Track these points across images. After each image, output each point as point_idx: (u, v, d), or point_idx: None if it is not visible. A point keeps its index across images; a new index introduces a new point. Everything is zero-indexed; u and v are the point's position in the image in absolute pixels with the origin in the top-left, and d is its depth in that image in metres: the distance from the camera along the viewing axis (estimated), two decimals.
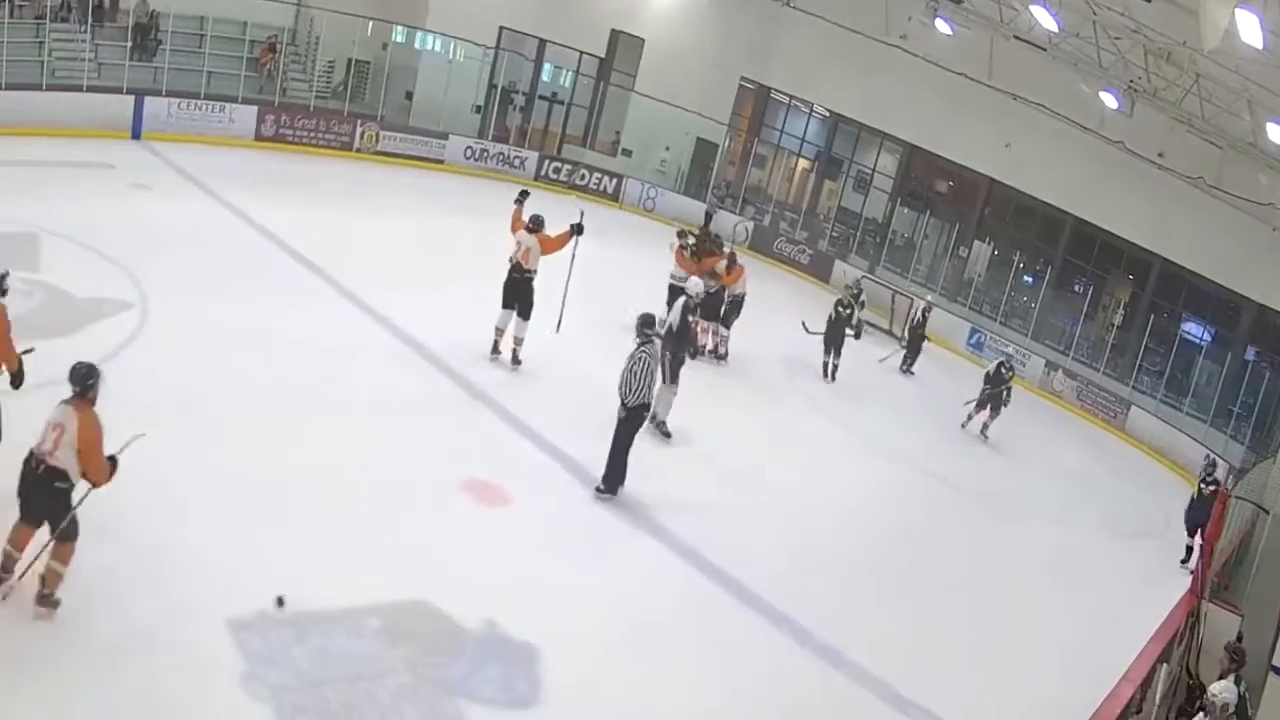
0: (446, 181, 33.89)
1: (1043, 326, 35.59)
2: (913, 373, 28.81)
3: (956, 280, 38.21)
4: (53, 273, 18.07)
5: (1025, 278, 37.48)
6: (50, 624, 9.95)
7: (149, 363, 15.75)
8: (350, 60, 35.57)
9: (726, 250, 24.75)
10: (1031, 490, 22.86)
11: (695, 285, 19.92)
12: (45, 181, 22.88)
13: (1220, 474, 19.38)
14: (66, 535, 10.01)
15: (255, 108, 31.37)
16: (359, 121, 33.82)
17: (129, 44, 29.64)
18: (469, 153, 36.30)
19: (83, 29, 28.99)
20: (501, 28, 38.17)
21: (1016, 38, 31.98)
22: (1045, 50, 31.36)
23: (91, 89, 28.17)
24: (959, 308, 36.52)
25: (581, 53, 40.43)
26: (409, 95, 37.01)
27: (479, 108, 38.60)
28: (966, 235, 38.73)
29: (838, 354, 25.37)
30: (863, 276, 33.02)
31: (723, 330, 24.01)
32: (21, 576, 9.99)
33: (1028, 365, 33.28)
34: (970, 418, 25.18)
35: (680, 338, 19.26)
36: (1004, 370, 25.65)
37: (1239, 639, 13.20)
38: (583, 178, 38.57)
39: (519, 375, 19.58)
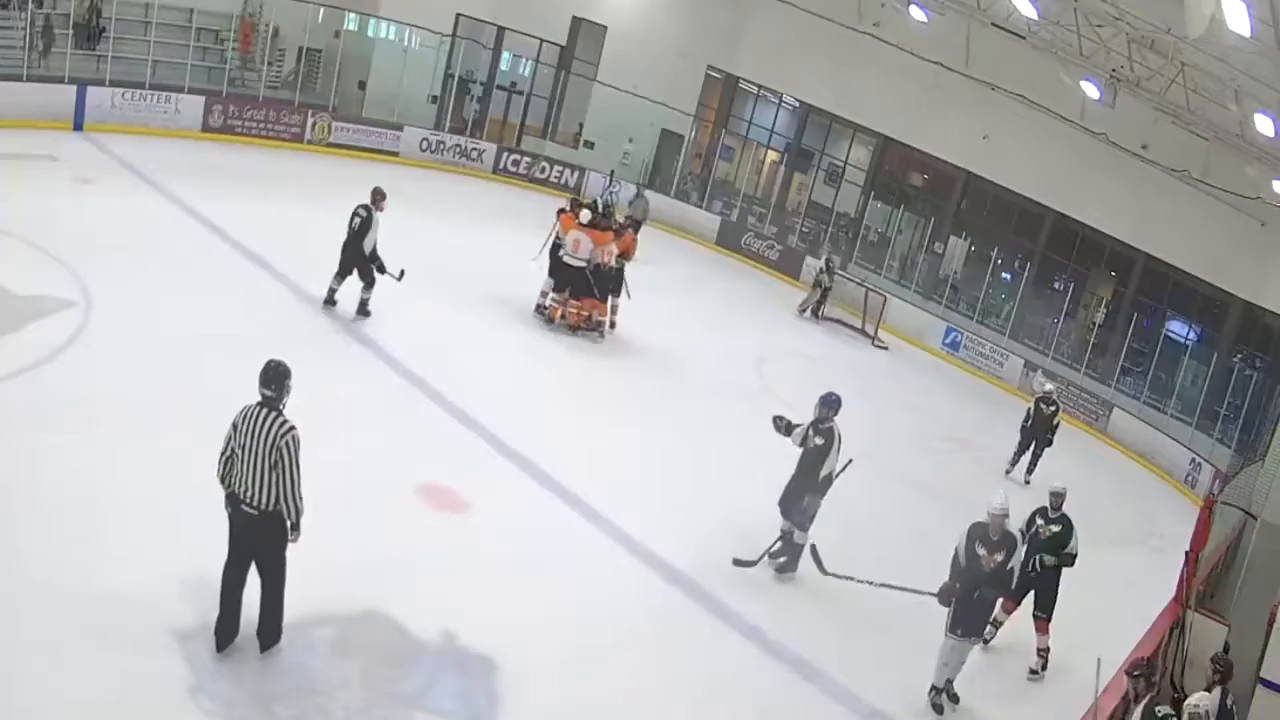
0: (401, 174, 33.75)
1: (1021, 325, 35.66)
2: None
3: (932, 277, 38.34)
4: None
5: (1003, 274, 37.60)
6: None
7: (91, 363, 15.74)
8: (301, 49, 35.45)
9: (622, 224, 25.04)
10: (1009, 496, 22.82)
11: (999, 502, 13.75)
12: None
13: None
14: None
15: (202, 98, 31.14)
16: (310, 112, 33.66)
17: (70, 32, 29.40)
18: (424, 145, 36.20)
19: (22, 16, 28.77)
20: (458, 15, 38.12)
21: (994, 25, 31.98)
22: (1024, 38, 31.39)
23: (32, 79, 27.93)
24: (935, 305, 36.62)
25: (541, 41, 40.38)
26: (362, 85, 36.86)
27: (435, 98, 38.48)
28: (942, 230, 38.87)
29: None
30: (837, 271, 33.13)
31: (614, 300, 24.03)
32: None
33: (1005, 365, 33.41)
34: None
35: (971, 573, 13.56)
36: (1043, 406, 24.49)
37: (1225, 649, 13.22)
38: (543, 170, 38.56)
39: (474, 373, 19.57)
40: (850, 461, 15.51)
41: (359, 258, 20.26)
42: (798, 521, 15.63)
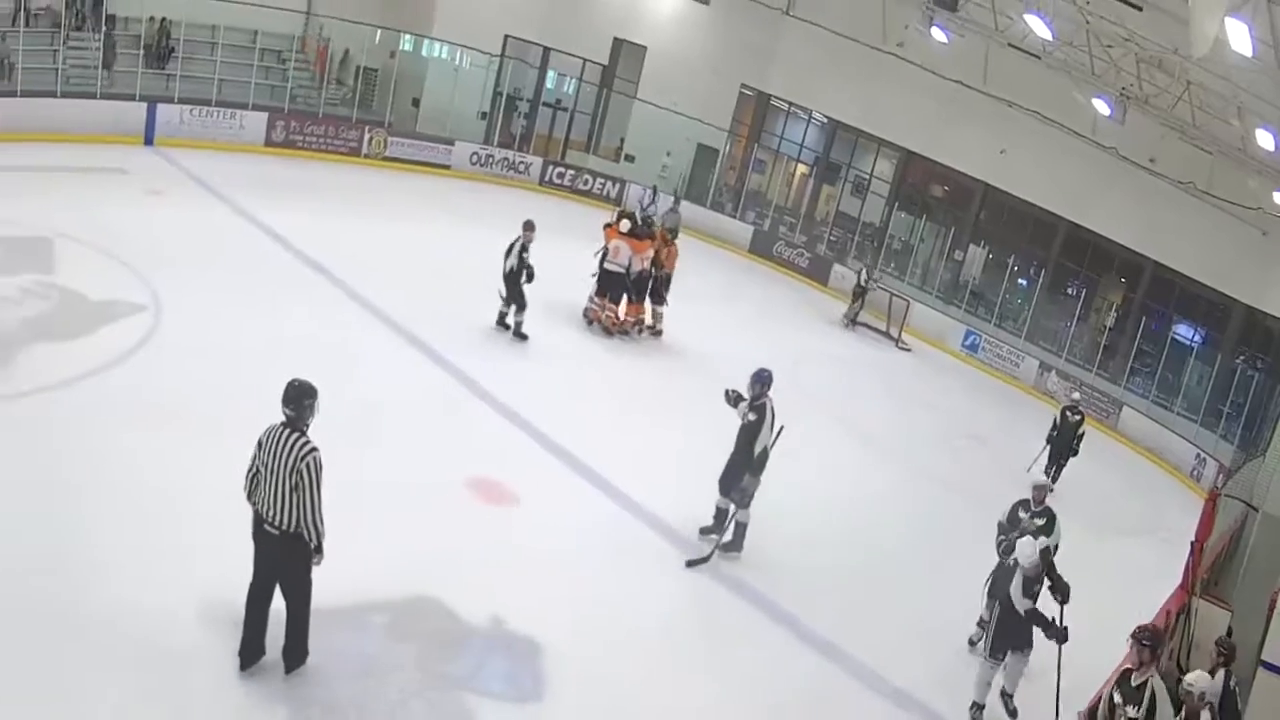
0: (453, 186, 33.83)
1: (1036, 328, 35.55)
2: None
3: (952, 283, 38.25)
4: (67, 275, 18.18)
5: (1019, 280, 37.49)
6: (49, 616, 10.08)
7: (161, 365, 15.92)
8: (359, 68, 35.68)
9: (660, 230, 25.02)
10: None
11: (1028, 554, 13.19)
12: (60, 186, 22.95)
13: None
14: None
15: (265, 114, 31.37)
16: (367, 128, 33.78)
17: (140, 53, 29.61)
18: (475, 158, 36.27)
19: (96, 37, 29.04)
20: (507, 36, 38.16)
21: (1011, 45, 31.95)
22: (1039, 58, 31.30)
23: (105, 96, 28.24)
24: (955, 309, 36.54)
25: (585, 60, 40.33)
26: (416, 102, 37.02)
27: (484, 114, 38.57)
28: (962, 239, 38.79)
29: None
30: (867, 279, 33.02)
31: (658, 308, 24.37)
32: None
33: (1021, 366, 33.33)
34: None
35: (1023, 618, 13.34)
36: (1069, 414, 23.63)
37: (1228, 634, 13.23)
38: (586, 183, 38.57)
39: (523, 374, 19.65)
40: (782, 429, 15.04)
41: (505, 280, 20.92)
42: (737, 499, 15.21)
